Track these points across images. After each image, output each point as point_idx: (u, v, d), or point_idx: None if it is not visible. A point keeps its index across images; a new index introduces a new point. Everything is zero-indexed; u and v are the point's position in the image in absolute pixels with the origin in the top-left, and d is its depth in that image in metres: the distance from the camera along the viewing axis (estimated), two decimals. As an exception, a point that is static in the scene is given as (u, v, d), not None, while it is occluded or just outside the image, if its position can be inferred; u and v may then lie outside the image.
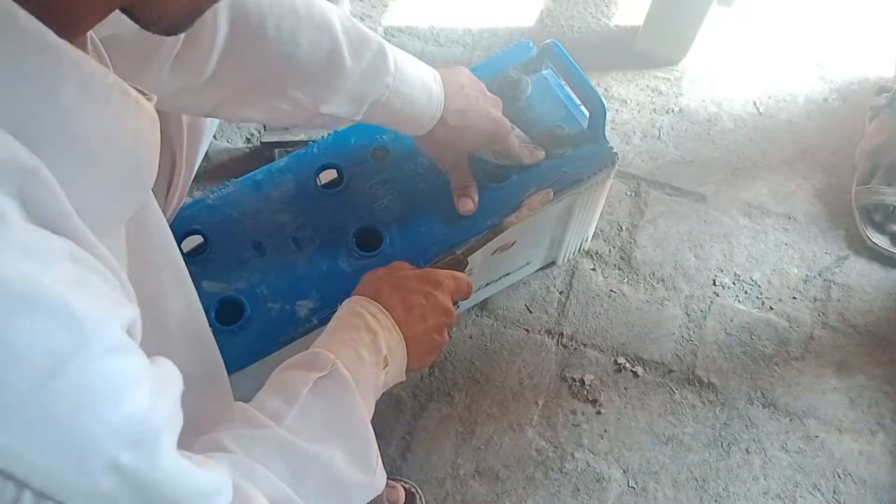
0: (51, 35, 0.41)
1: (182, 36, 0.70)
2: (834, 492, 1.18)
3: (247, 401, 0.72)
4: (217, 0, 0.51)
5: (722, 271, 1.36)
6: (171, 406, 0.48)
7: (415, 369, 0.79)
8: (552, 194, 1.04)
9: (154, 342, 0.73)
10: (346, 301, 0.78)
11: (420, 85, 0.90)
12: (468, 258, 0.95)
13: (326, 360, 0.68)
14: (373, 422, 1.21)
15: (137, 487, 0.43)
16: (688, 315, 1.32)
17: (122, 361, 0.43)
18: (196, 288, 0.85)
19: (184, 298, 0.80)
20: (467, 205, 1.02)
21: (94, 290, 0.43)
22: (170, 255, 0.80)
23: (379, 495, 1.08)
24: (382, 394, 1.24)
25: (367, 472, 0.67)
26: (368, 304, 0.76)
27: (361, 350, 0.71)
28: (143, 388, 0.44)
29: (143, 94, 0.52)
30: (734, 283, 1.35)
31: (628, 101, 1.54)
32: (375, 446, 0.68)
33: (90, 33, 0.54)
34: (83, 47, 0.54)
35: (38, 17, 0.40)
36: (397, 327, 0.76)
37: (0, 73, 0.40)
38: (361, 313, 0.75)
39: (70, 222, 0.44)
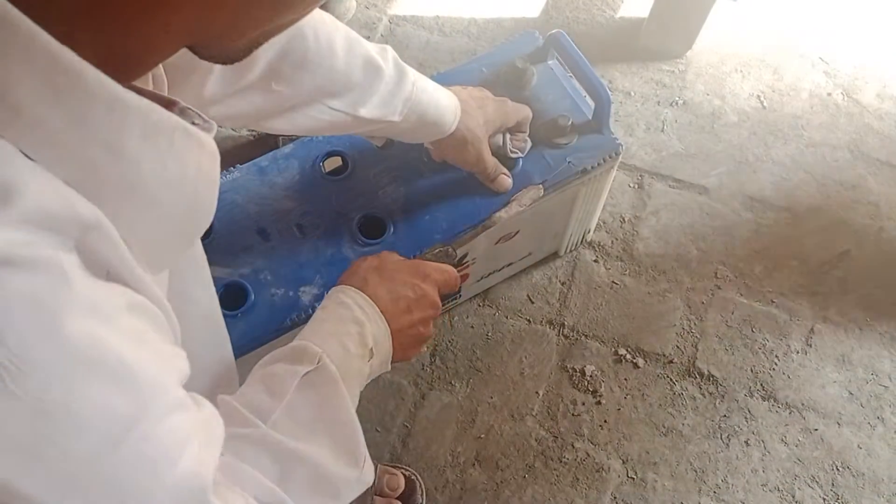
0: (115, 87, 0.40)
1: None
2: (832, 484, 1.19)
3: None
4: (276, 33, 0.50)
5: (723, 264, 1.36)
6: (216, 456, 0.48)
7: (399, 360, 0.79)
8: (542, 191, 1.04)
9: (182, 336, 0.73)
10: (333, 290, 0.77)
11: (432, 83, 0.91)
12: (457, 251, 0.95)
13: (313, 354, 0.67)
14: (374, 409, 1.22)
15: None
16: (689, 307, 1.32)
17: (179, 420, 0.43)
18: (200, 273, 0.86)
19: (206, 290, 0.80)
20: (506, 182, 1.03)
21: (152, 344, 0.44)
22: (197, 248, 0.79)
23: (378, 483, 1.09)
24: (383, 381, 1.25)
25: (355, 467, 0.66)
26: (355, 295, 0.75)
27: (347, 342, 0.70)
28: (194, 445, 0.44)
29: (204, 119, 0.51)
30: (736, 276, 1.35)
31: (632, 94, 1.54)
32: (363, 439, 0.68)
33: None
34: (144, 78, 0.53)
35: (102, 63, 0.39)
36: (384, 318, 0.75)
37: (64, 128, 0.39)
38: (348, 304, 0.74)
39: (128, 270, 0.44)
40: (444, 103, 0.91)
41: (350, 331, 0.71)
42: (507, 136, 1.03)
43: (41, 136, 0.38)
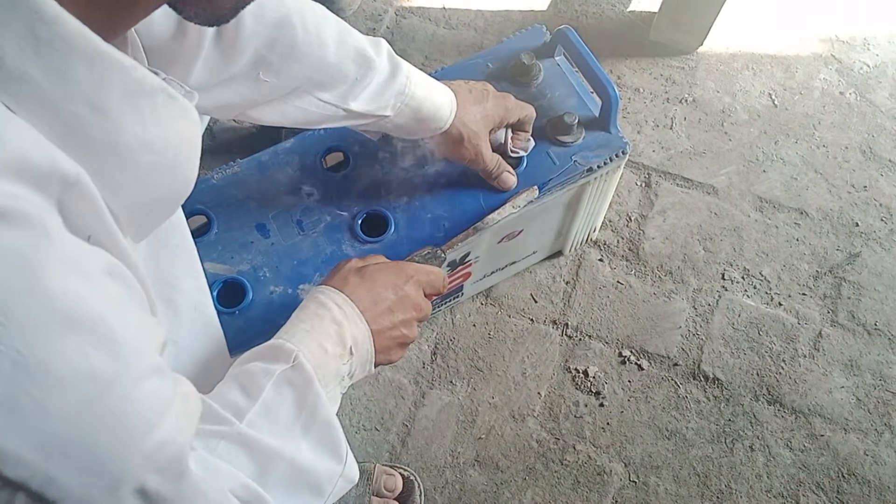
0: (98, 41, 0.40)
1: (208, 36, 0.68)
2: (838, 491, 1.17)
3: None
4: None
5: (731, 265, 1.34)
6: (194, 427, 0.48)
7: (383, 363, 0.77)
8: (537, 192, 1.02)
9: (168, 324, 0.72)
10: (312, 290, 0.76)
11: (427, 78, 0.90)
12: (446, 252, 0.93)
13: (288, 352, 0.66)
14: (373, 407, 1.20)
15: None
16: (695, 309, 1.30)
17: (157, 385, 0.43)
18: (198, 270, 0.84)
19: (196, 280, 0.79)
20: (510, 180, 1.01)
21: (131, 309, 0.43)
22: (184, 237, 0.79)
23: (376, 483, 1.08)
24: (383, 379, 1.23)
25: (337, 461, 0.65)
26: (334, 294, 0.73)
27: (325, 342, 0.68)
28: (172, 412, 0.44)
29: (186, 90, 0.51)
30: (743, 278, 1.33)
31: (641, 90, 1.52)
32: (342, 436, 0.66)
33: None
34: (123, 44, 0.52)
35: (84, 16, 0.39)
36: (363, 319, 0.73)
37: (46, 81, 0.39)
38: (326, 303, 0.72)
39: (107, 233, 0.44)
40: (439, 98, 0.89)
41: (328, 330, 0.70)
42: (509, 133, 1.01)
43: (22, 88, 0.39)
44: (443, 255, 0.90)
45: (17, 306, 0.36)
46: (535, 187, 1.01)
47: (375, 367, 0.76)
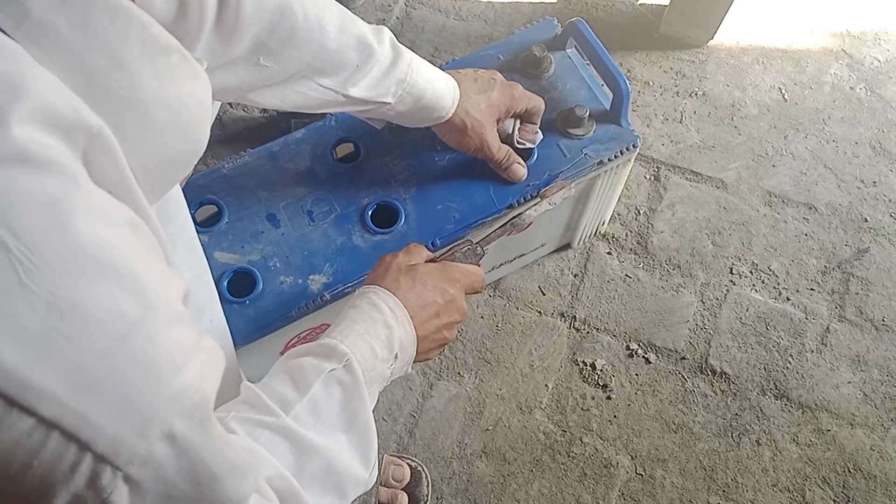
0: None
1: (209, 19, 0.68)
2: (843, 486, 1.17)
3: (253, 376, 0.71)
4: None
5: (739, 260, 1.34)
6: (218, 380, 0.48)
7: (418, 362, 0.79)
8: (573, 189, 1.01)
9: None
10: (366, 290, 0.77)
11: (430, 67, 0.90)
12: (484, 248, 0.94)
13: (342, 354, 0.67)
14: (381, 398, 1.20)
15: (184, 456, 0.43)
16: (703, 303, 1.30)
17: (183, 332, 0.44)
18: (208, 259, 0.85)
19: (194, 270, 0.80)
20: (520, 171, 1.01)
21: (153, 259, 0.44)
22: (184, 226, 0.79)
23: (384, 473, 1.08)
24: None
25: (366, 468, 0.67)
26: (388, 298, 0.75)
27: (375, 346, 0.71)
28: (197, 360, 0.44)
29: (194, 58, 0.52)
30: (751, 272, 1.33)
31: (651, 83, 1.52)
32: (376, 444, 0.68)
33: None
34: None
35: None
36: (412, 324, 0.75)
37: (70, 31, 0.41)
38: (380, 305, 0.74)
39: (128, 187, 0.45)
40: (441, 87, 0.89)
41: (379, 334, 0.72)
42: (517, 124, 1.01)
43: (48, 37, 0.40)
44: (481, 251, 0.91)
45: (49, 249, 0.37)
46: (572, 184, 1.01)
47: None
